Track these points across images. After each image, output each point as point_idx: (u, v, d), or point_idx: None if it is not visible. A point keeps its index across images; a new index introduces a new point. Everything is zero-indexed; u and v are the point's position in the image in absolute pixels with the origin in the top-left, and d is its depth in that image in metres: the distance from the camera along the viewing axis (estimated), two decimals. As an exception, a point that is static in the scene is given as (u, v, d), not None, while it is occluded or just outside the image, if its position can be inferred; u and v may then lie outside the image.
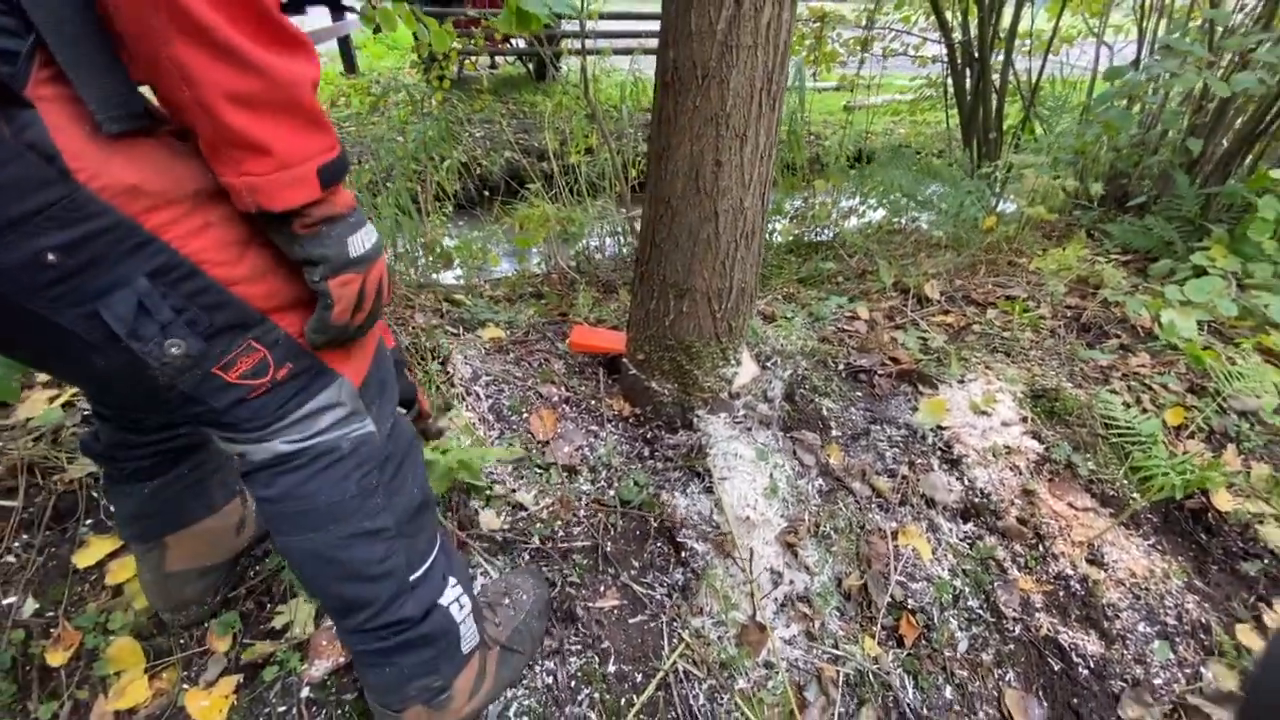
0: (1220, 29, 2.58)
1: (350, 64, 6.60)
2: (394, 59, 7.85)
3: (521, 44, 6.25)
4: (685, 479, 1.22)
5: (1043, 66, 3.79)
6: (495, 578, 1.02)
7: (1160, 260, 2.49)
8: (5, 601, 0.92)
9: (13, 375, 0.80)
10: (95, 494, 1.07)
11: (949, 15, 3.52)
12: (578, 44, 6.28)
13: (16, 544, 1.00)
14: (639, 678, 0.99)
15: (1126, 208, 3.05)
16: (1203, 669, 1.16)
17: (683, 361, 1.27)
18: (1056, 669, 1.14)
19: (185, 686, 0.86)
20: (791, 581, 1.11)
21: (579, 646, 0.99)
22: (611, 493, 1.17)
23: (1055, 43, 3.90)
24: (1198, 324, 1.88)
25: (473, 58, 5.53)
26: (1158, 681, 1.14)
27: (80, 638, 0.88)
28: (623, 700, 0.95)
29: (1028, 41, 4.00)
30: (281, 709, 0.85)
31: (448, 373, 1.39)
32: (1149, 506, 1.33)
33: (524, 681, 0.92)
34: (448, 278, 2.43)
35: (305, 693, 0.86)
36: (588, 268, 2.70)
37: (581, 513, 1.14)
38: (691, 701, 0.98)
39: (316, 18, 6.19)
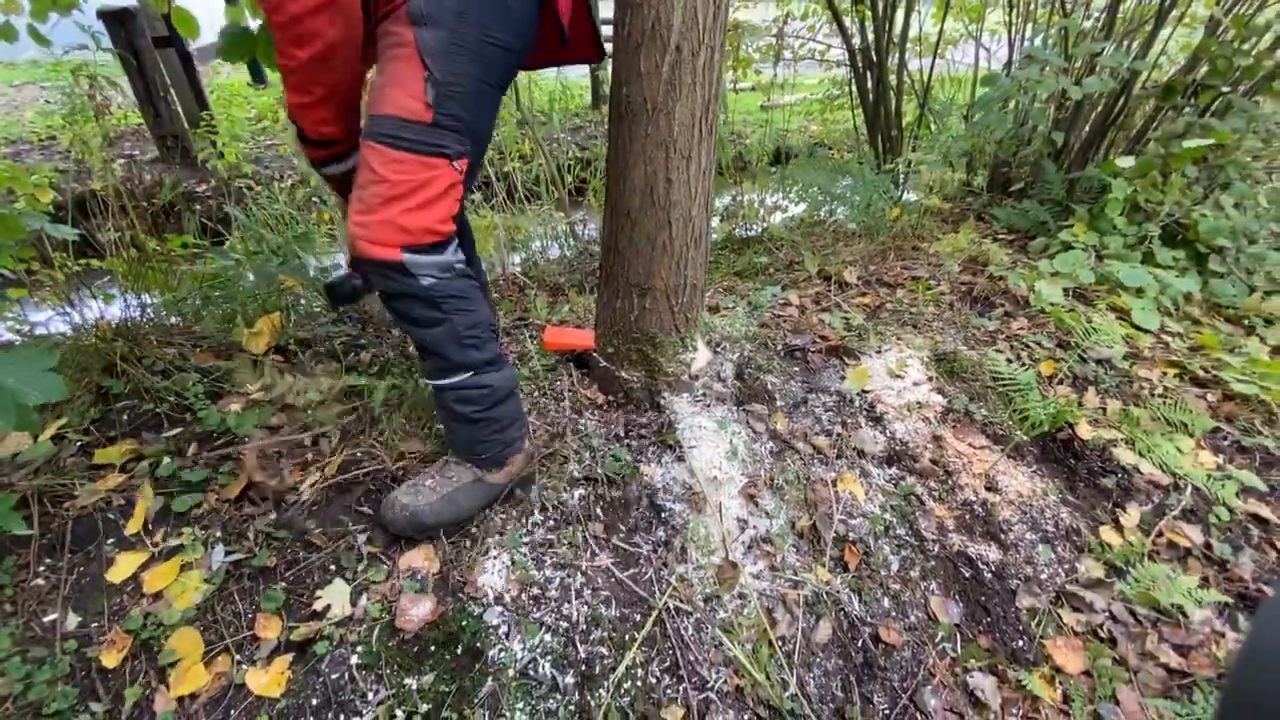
0: (1072, 36, 3.02)
1: (259, 75, 6.35)
2: (305, 67, 7.57)
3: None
4: (659, 452, 1.41)
5: (932, 67, 4.23)
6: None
7: (1037, 238, 2.89)
8: (47, 619, 0.99)
9: (30, 410, 0.87)
10: (111, 515, 1.14)
11: (847, 21, 3.87)
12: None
13: (42, 568, 1.06)
14: (637, 617, 1.17)
15: (1009, 193, 3.48)
16: (1077, 564, 1.46)
17: (648, 351, 1.46)
18: (968, 576, 1.41)
19: (243, 667, 0.96)
20: (755, 526, 1.32)
21: (588, 595, 1.15)
22: (600, 469, 1.34)
23: (940, 45, 4.35)
24: (1064, 290, 2.25)
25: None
26: (1044, 576, 1.43)
27: (131, 639, 0.96)
28: (626, 636, 1.13)
29: (918, 46, 4.43)
30: (334, 676, 0.97)
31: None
32: (1030, 441, 1.63)
33: (547, 624, 1.08)
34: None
35: (354, 660, 0.99)
36: (535, 273, 2.83)
37: (579, 490, 1.30)
38: (682, 633, 1.17)
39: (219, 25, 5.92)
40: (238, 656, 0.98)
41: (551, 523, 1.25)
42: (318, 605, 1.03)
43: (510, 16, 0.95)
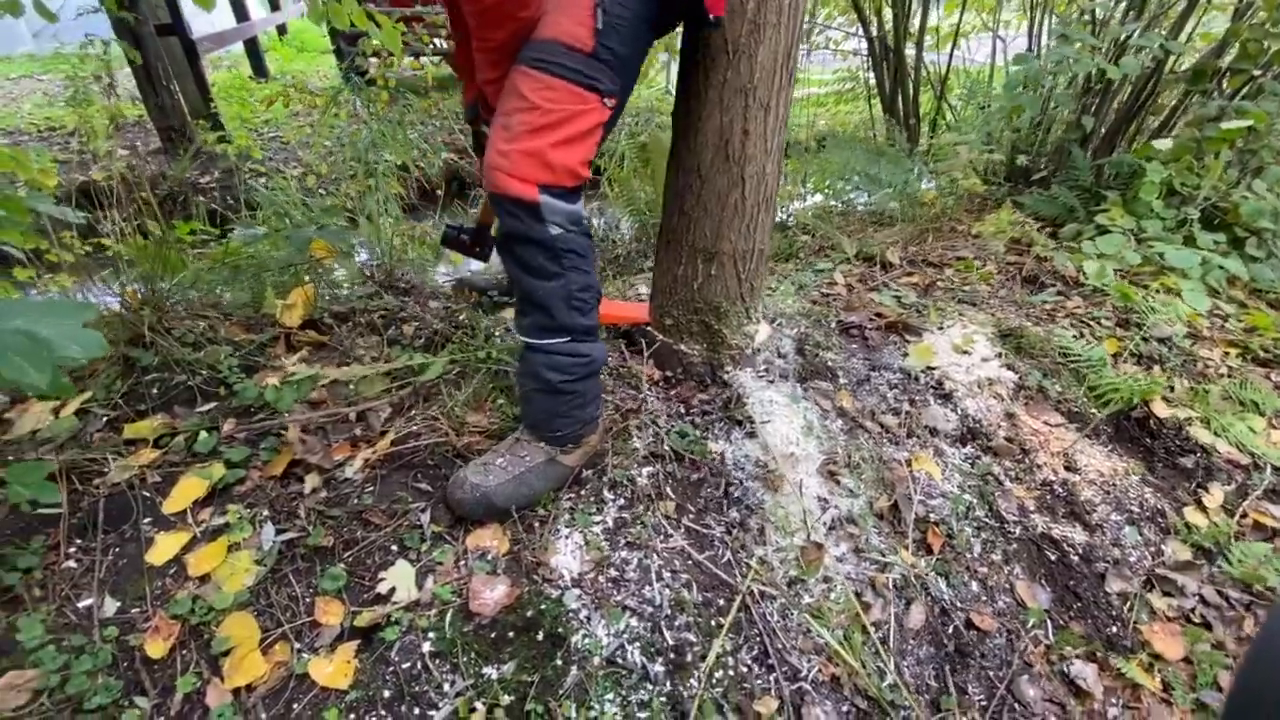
0: (1100, 19, 2.98)
1: (261, 67, 6.24)
2: (304, 61, 7.48)
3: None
4: (727, 428, 1.32)
5: (950, 58, 4.18)
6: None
7: (1066, 224, 2.83)
8: (82, 604, 0.89)
9: (62, 374, 0.78)
10: (147, 494, 1.04)
11: (867, 10, 3.83)
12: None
13: (73, 549, 0.96)
14: (720, 602, 1.07)
15: (1031, 182, 3.43)
16: (1163, 545, 1.39)
17: (711, 322, 1.37)
18: (1053, 559, 1.33)
19: (304, 655, 0.86)
20: (836, 506, 1.23)
21: (667, 577, 1.06)
22: (665, 447, 1.25)
23: (957, 35, 4.31)
24: (1113, 271, 2.19)
25: (415, 58, 5.35)
26: (1132, 559, 1.35)
27: (179, 627, 0.86)
28: (712, 622, 1.04)
29: (934, 36, 4.39)
30: (405, 665, 0.88)
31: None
32: (1104, 419, 1.56)
33: (630, 608, 0.98)
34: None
35: (427, 647, 0.89)
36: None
37: (647, 469, 1.21)
38: (769, 619, 1.08)
39: (221, 18, 5.82)
40: (297, 644, 0.88)
41: (623, 501, 1.16)
42: (381, 588, 0.94)
43: None
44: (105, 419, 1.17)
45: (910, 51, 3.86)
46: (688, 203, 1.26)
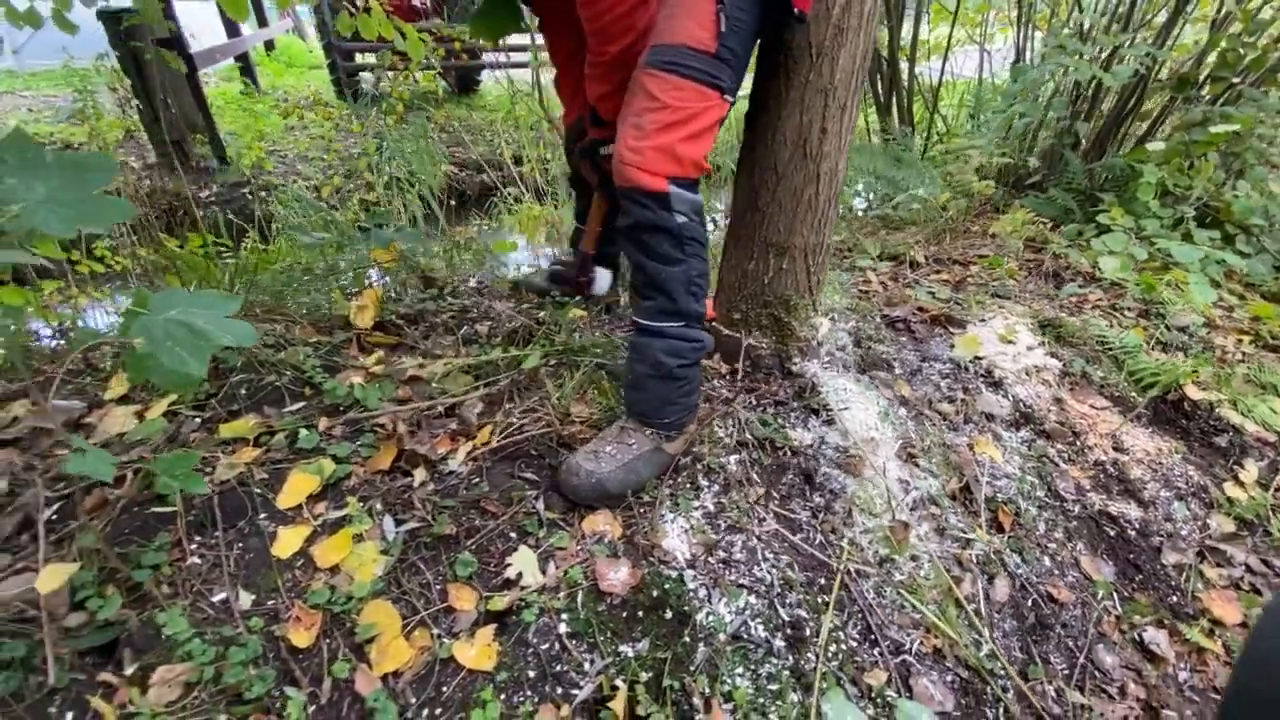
0: (1095, 29, 3.14)
1: (253, 82, 6.19)
2: (293, 76, 7.44)
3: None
4: (803, 416, 1.36)
5: (942, 70, 4.36)
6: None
7: (1065, 225, 2.96)
8: (216, 598, 0.89)
9: (185, 371, 0.78)
10: (258, 490, 1.04)
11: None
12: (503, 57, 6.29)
13: (194, 545, 0.95)
14: (822, 580, 1.11)
15: (1026, 186, 3.57)
16: (1209, 519, 1.46)
17: (780, 315, 1.42)
18: (1112, 534, 1.40)
19: (444, 640, 0.87)
20: (916, 487, 1.28)
21: (770, 558, 1.09)
22: (748, 435, 1.29)
23: (948, 50, 4.49)
24: (1131, 266, 2.30)
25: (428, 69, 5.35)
26: (1184, 532, 1.42)
27: (320, 616, 0.87)
28: (818, 599, 1.07)
29: (922, 49, 4.56)
30: (544, 646, 0.89)
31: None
32: (1143, 402, 1.64)
33: (753, 590, 1.01)
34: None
35: (563, 628, 0.91)
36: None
37: (733, 456, 1.25)
38: (866, 596, 1.12)
39: (213, 35, 5.77)
40: (435, 629, 0.89)
41: (717, 487, 1.19)
42: (509, 573, 0.95)
43: None
44: (198, 420, 1.17)
45: (903, 63, 4.01)
46: (762, 199, 1.31)
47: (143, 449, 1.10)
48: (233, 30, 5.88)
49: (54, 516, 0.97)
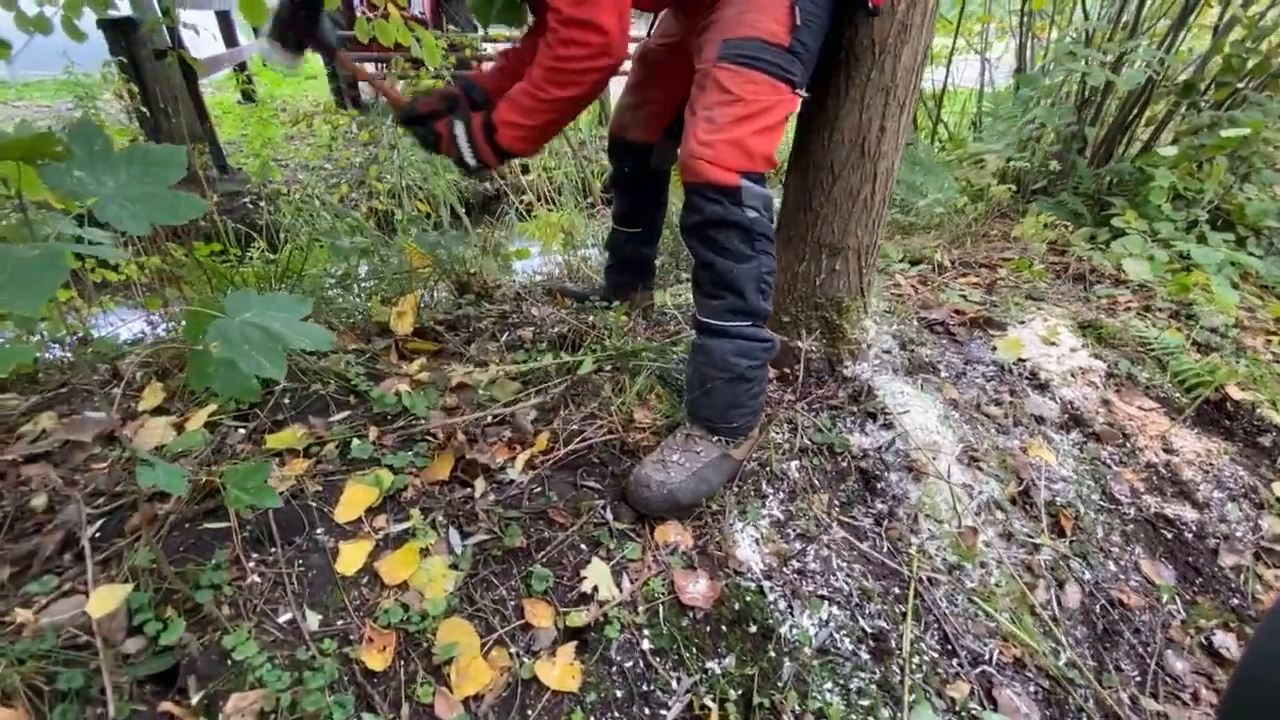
0: (1099, 37, 3.18)
1: (249, 94, 6.13)
2: (291, 86, 7.39)
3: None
4: (860, 420, 1.33)
5: (945, 79, 4.40)
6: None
7: (1077, 229, 2.98)
8: (282, 619, 0.83)
9: (249, 376, 0.74)
10: (313, 504, 0.99)
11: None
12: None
13: (252, 563, 0.90)
14: (896, 590, 1.08)
15: (1034, 190, 3.60)
16: (1260, 520, 1.45)
17: (832, 317, 1.39)
18: (1169, 537, 1.38)
19: (523, 659, 0.83)
20: (981, 492, 1.25)
21: (844, 567, 1.06)
22: (806, 441, 1.26)
23: (951, 59, 4.53)
24: (1162, 268, 2.31)
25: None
26: (1239, 534, 1.41)
27: (393, 637, 0.82)
28: (897, 608, 1.04)
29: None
30: (629, 664, 0.85)
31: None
32: (1190, 403, 1.63)
33: (833, 601, 0.98)
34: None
35: (646, 645, 0.87)
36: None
37: (794, 462, 1.21)
38: (940, 604, 1.08)
39: (209, 45, 5.71)
40: (514, 648, 0.84)
41: (783, 495, 1.15)
42: (584, 587, 0.91)
43: None
44: (241, 431, 1.12)
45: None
46: (816, 199, 1.29)
47: (187, 461, 1.04)
48: (230, 39, 5.83)
49: (97, 534, 0.92)
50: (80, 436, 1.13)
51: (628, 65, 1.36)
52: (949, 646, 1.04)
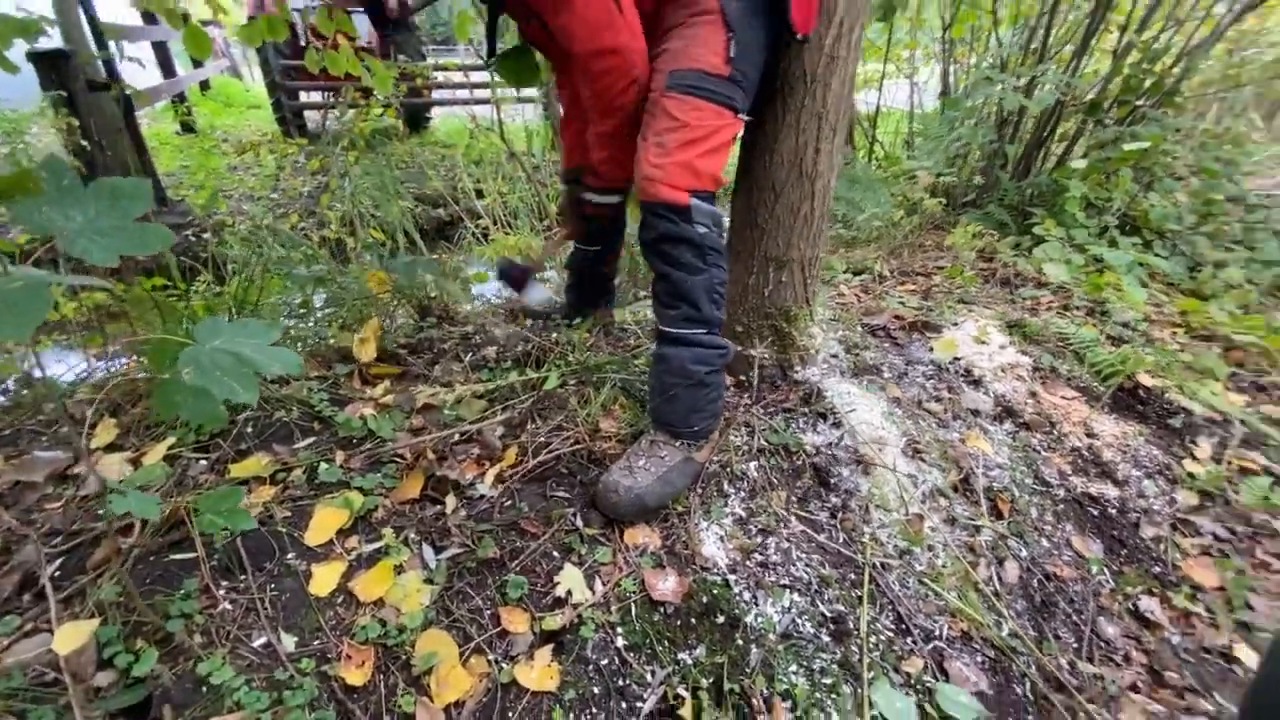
0: (1012, 63, 3.46)
1: (189, 123, 5.98)
2: (232, 116, 7.24)
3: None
4: (812, 420, 1.41)
5: (878, 101, 4.68)
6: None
7: (1003, 238, 3.20)
8: (257, 643, 0.84)
9: (218, 402, 0.76)
10: (281, 529, 0.99)
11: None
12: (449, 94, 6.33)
13: (222, 591, 0.90)
14: (852, 576, 1.15)
15: (963, 203, 3.85)
16: (1174, 494, 1.59)
17: (782, 325, 1.48)
18: (1095, 514, 1.50)
19: (502, 665, 0.85)
20: (925, 481, 1.34)
21: (804, 557, 1.12)
22: (763, 442, 1.33)
23: (882, 82, 4.81)
24: (1077, 269, 2.51)
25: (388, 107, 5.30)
26: (1156, 507, 1.54)
27: (372, 652, 0.84)
28: (853, 593, 1.10)
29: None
30: (604, 661, 0.88)
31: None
32: (1107, 391, 1.78)
33: (794, 589, 1.04)
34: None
35: (620, 641, 0.90)
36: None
37: (753, 462, 1.28)
38: (894, 587, 1.16)
39: (148, 75, 5.57)
40: (492, 655, 0.87)
41: (743, 493, 1.22)
42: (558, 591, 0.94)
43: (779, 8, 1.09)
44: (203, 462, 1.11)
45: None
46: (761, 216, 1.38)
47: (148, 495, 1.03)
48: (169, 70, 5.70)
49: (57, 573, 0.90)
50: (31, 477, 1.10)
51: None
52: (903, 625, 1.12)
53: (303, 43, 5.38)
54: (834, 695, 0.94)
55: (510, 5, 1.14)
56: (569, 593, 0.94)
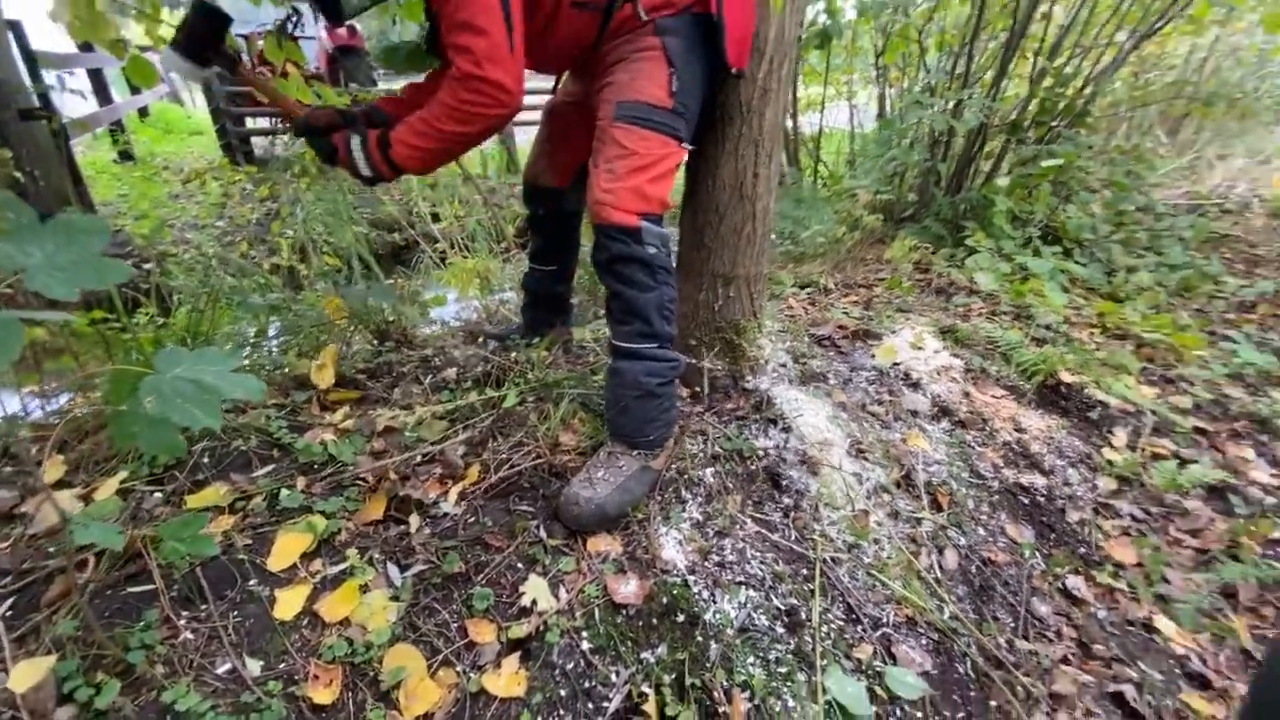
0: (939, 88, 3.71)
1: (127, 151, 5.79)
2: (173, 143, 7.04)
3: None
4: (763, 427, 1.49)
5: (820, 123, 4.91)
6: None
7: (939, 250, 3.41)
8: (221, 669, 0.84)
9: (176, 431, 0.79)
10: (242, 557, 1.00)
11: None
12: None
13: (183, 621, 0.90)
14: (804, 571, 1.21)
15: (903, 218, 4.07)
16: (1096, 480, 1.73)
17: (732, 338, 1.56)
18: (1026, 502, 1.62)
19: (470, 675, 0.88)
20: (869, 479, 1.43)
21: (758, 555, 1.19)
22: (718, 448, 1.39)
23: (811, 104, 5.06)
24: (1003, 278, 2.69)
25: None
26: (1080, 493, 1.68)
27: (340, 670, 0.85)
28: (805, 587, 1.17)
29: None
30: (570, 665, 0.92)
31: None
32: (1033, 389, 1.93)
33: (749, 585, 1.09)
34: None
35: (585, 645, 0.94)
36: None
37: (709, 469, 1.34)
38: (844, 580, 1.23)
39: (81, 103, 5.38)
40: (460, 665, 0.89)
41: (700, 499, 1.27)
42: (524, 600, 0.98)
43: (716, 45, 1.16)
44: (158, 495, 1.10)
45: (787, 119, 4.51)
46: (707, 237, 1.46)
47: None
48: (105, 98, 5.52)
49: (9, 613, 0.88)
50: (-26, 518, 1.07)
51: (535, 116, 1.51)
52: (853, 615, 1.19)
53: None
54: (789, 683, 0.99)
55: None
56: (534, 602, 0.98)
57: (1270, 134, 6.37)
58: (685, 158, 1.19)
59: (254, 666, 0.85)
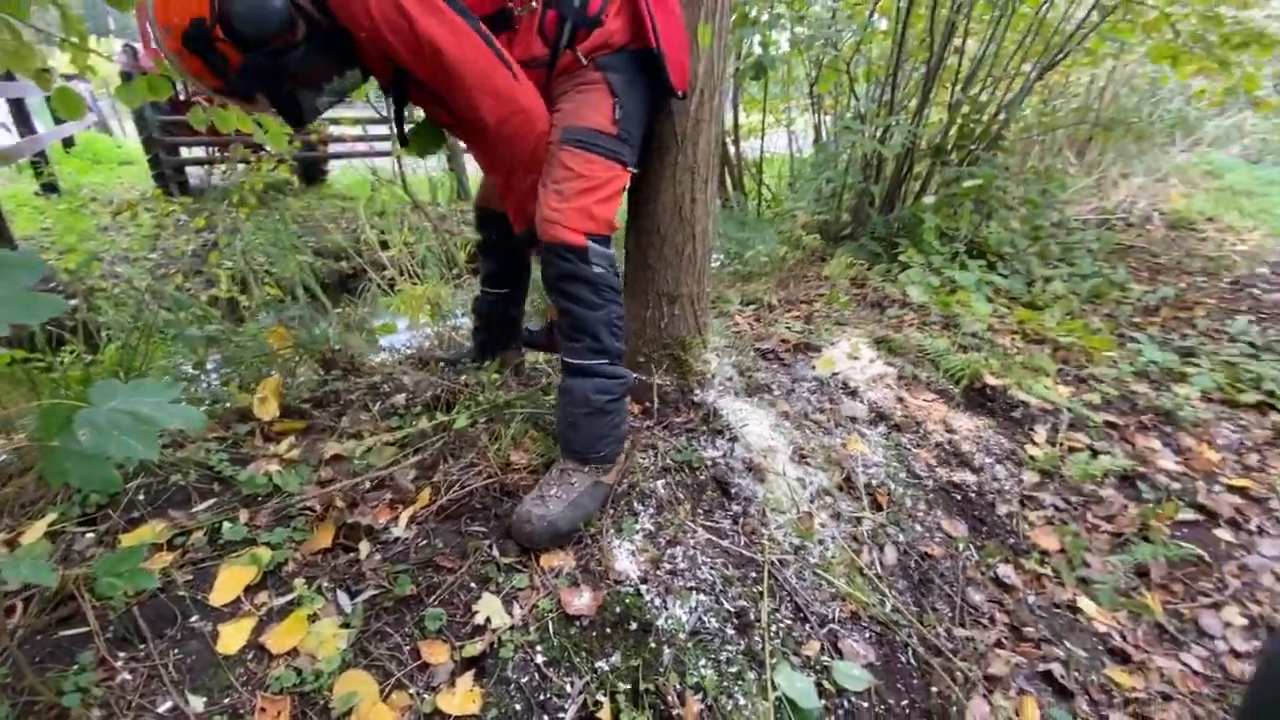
0: (868, 115, 3.95)
1: (53, 185, 5.51)
2: (102, 174, 6.74)
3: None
4: (711, 438, 1.54)
5: (761, 149, 5.13)
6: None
7: (876, 266, 3.60)
8: (162, 709, 0.82)
9: (110, 466, 0.78)
10: (184, 592, 0.97)
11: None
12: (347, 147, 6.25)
13: (119, 662, 0.87)
14: (753, 574, 1.26)
15: (841, 237, 4.27)
16: (1021, 475, 1.86)
17: (679, 354, 1.62)
18: (959, 498, 1.72)
19: (425, 696, 0.88)
20: (811, 483, 1.50)
21: (709, 562, 1.23)
22: (668, 461, 1.44)
23: (753, 130, 5.28)
24: (925, 291, 2.86)
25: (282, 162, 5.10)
26: (1007, 488, 1.79)
27: (288, 701, 0.84)
28: (754, 589, 1.22)
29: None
30: (525, 679, 0.93)
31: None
32: (960, 392, 2.06)
33: (699, 590, 1.13)
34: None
35: (540, 658, 0.96)
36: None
37: (659, 481, 1.38)
38: (791, 580, 1.29)
39: (8, 135, 5.11)
40: (414, 687, 0.89)
41: (652, 510, 1.31)
42: (478, 619, 0.98)
43: (658, 74, 1.23)
44: (90, 535, 1.07)
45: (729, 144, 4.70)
46: (651, 257, 1.53)
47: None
48: (27, 128, 5.26)
49: (-76, 667, 0.84)
50: (-120, 572, 1.01)
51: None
52: (801, 614, 1.24)
53: (183, 97, 5.16)
54: (740, 682, 1.03)
55: (415, 97, 1.22)
56: (488, 619, 0.99)
57: (1165, 154, 7.02)
58: (629, 182, 1.25)
59: (197, 703, 0.83)
